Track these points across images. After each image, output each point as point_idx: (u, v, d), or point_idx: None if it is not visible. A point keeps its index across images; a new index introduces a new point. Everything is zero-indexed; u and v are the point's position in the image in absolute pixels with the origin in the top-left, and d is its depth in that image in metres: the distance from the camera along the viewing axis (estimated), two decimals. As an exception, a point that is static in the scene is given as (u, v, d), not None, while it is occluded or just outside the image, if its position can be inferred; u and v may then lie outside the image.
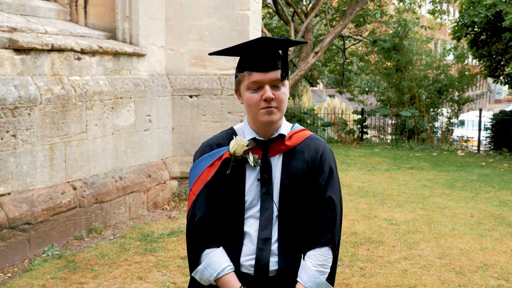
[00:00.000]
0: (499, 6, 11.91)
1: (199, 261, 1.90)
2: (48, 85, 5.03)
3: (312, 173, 1.93)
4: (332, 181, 1.95)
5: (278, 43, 1.86)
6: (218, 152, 1.94)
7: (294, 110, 17.39)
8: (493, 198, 7.66)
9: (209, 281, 1.89)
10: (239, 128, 2.00)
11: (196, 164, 1.97)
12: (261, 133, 1.93)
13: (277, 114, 1.87)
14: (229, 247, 1.91)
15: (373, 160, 11.40)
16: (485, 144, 14.28)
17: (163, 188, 6.72)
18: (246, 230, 1.90)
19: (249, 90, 1.88)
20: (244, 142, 1.90)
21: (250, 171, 1.92)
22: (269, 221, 1.89)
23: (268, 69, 1.85)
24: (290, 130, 1.99)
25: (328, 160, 1.96)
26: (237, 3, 6.96)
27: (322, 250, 1.90)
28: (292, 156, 1.94)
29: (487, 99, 53.17)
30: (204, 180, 1.92)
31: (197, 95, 7.00)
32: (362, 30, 18.12)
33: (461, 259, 4.96)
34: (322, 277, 1.89)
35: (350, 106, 21.47)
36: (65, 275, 4.39)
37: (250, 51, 1.88)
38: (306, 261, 1.90)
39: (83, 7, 6.37)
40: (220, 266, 1.87)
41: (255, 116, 1.89)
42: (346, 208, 6.83)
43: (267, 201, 1.90)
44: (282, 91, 1.88)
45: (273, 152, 1.94)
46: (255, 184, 1.91)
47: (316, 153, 1.95)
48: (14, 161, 4.64)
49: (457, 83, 15.61)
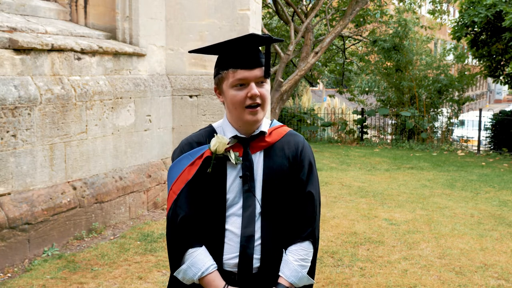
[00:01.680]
0: (499, 6, 11.91)
1: (182, 260, 1.89)
2: (48, 85, 5.03)
3: (293, 169, 1.94)
4: (312, 176, 1.97)
5: (262, 40, 1.87)
6: (199, 150, 1.93)
7: (294, 110, 17.39)
8: (493, 198, 7.66)
9: (192, 280, 1.88)
10: (219, 126, 1.99)
11: (176, 163, 1.96)
12: (243, 131, 1.93)
13: (261, 113, 1.89)
14: (211, 246, 1.91)
15: (373, 160, 11.40)
16: (485, 144, 14.28)
17: (163, 188, 6.72)
18: (228, 228, 1.90)
19: (233, 87, 1.87)
20: (225, 140, 1.89)
21: (231, 169, 1.91)
22: (252, 219, 1.88)
23: (253, 66, 1.85)
24: (269, 126, 1.99)
25: (308, 155, 1.98)
26: (237, 3, 6.96)
27: (303, 245, 1.92)
28: (273, 153, 1.94)
29: (487, 99, 53.18)
30: (185, 179, 1.91)
31: (197, 95, 7.00)
32: (362, 30, 18.11)
33: (461, 259, 4.96)
34: (303, 271, 1.91)
35: (350, 106, 21.49)
36: (65, 275, 4.39)
37: (234, 49, 1.87)
38: (287, 255, 1.91)
39: (83, 7, 6.37)
40: (204, 265, 1.86)
41: (240, 115, 1.88)
42: (346, 208, 6.83)
43: (249, 199, 1.89)
44: (265, 88, 1.88)
45: (254, 149, 1.93)
46: (236, 181, 1.90)
47: (296, 149, 1.96)
48: (14, 161, 4.64)
49: (457, 83, 15.61)
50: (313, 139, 15.86)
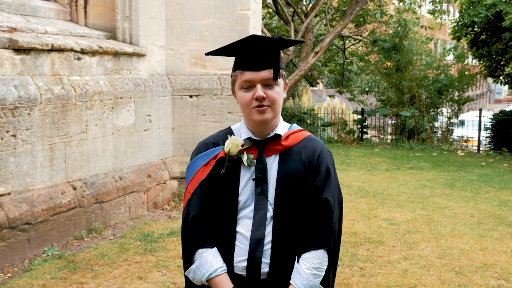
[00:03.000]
0: (499, 6, 11.91)
1: (192, 260, 1.89)
2: (48, 85, 5.02)
3: (308, 174, 1.89)
4: (329, 183, 1.90)
5: (269, 42, 1.84)
6: (214, 151, 1.93)
7: (294, 110, 17.39)
8: (493, 198, 7.66)
9: (201, 281, 1.87)
10: (237, 128, 1.99)
11: (192, 163, 1.97)
12: (257, 133, 1.92)
13: (270, 113, 1.85)
14: (222, 248, 1.89)
15: (373, 160, 11.40)
16: (485, 144, 14.28)
17: (163, 188, 6.72)
18: (239, 230, 1.88)
19: (241, 89, 1.86)
20: (239, 141, 1.88)
21: (245, 171, 1.90)
22: (263, 222, 1.86)
23: (259, 68, 1.82)
24: (287, 130, 1.97)
25: (326, 161, 1.92)
26: (237, 3, 6.96)
27: (317, 253, 1.86)
28: (289, 157, 1.91)
29: (487, 99, 53.18)
30: (199, 179, 1.91)
31: (197, 95, 7.00)
32: (362, 30, 18.11)
33: (461, 259, 4.96)
34: (316, 280, 1.85)
35: (350, 106, 21.48)
36: (65, 275, 4.39)
37: (242, 50, 1.86)
38: (300, 263, 1.86)
39: (83, 7, 6.37)
40: (212, 266, 1.85)
41: (248, 115, 1.88)
42: (346, 208, 6.83)
43: (261, 201, 1.87)
44: (275, 90, 1.85)
45: (269, 152, 1.92)
46: (249, 184, 1.89)
47: (313, 154, 1.92)
48: (14, 161, 4.64)
49: (457, 83, 15.61)
50: (313, 139, 15.82)
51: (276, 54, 1.86)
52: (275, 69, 1.84)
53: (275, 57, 1.85)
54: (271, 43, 1.85)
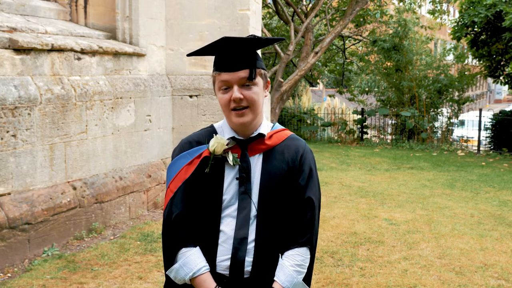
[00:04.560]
0: (499, 6, 11.91)
1: (175, 259, 1.88)
2: (48, 85, 5.03)
3: (292, 173, 1.91)
4: (312, 182, 1.93)
5: (244, 42, 1.83)
6: (198, 150, 1.93)
7: (294, 110, 17.40)
8: (493, 198, 7.66)
9: (184, 280, 1.87)
10: (220, 126, 1.98)
11: (174, 161, 1.95)
12: (240, 133, 1.92)
13: (249, 115, 1.86)
14: (205, 247, 1.89)
15: (373, 160, 11.40)
16: (485, 144, 14.28)
17: (163, 188, 6.72)
18: (222, 229, 1.88)
19: (220, 90, 1.86)
20: (224, 141, 1.88)
21: (229, 170, 1.90)
22: (246, 221, 1.87)
23: (234, 69, 1.82)
24: (270, 129, 1.97)
25: (308, 160, 1.95)
26: (237, 3, 6.96)
27: (300, 250, 1.89)
28: (272, 156, 1.92)
29: (487, 99, 53.18)
30: (182, 178, 1.91)
31: (197, 95, 7.00)
32: (362, 30, 18.11)
33: (461, 259, 4.96)
34: (299, 277, 1.88)
35: (350, 106, 21.49)
36: (65, 275, 4.39)
37: (217, 52, 1.86)
38: (284, 260, 1.88)
39: (83, 7, 6.37)
40: (196, 266, 1.85)
41: (228, 117, 1.89)
42: (346, 208, 6.83)
43: (245, 200, 1.88)
44: (253, 90, 1.85)
45: (253, 151, 1.92)
46: (233, 183, 1.89)
47: (296, 153, 1.94)
48: (14, 161, 4.64)
49: (457, 83, 15.61)
50: (313, 139, 15.87)
51: (252, 53, 1.85)
52: (251, 69, 1.83)
53: (251, 57, 1.84)
54: (245, 44, 1.84)
